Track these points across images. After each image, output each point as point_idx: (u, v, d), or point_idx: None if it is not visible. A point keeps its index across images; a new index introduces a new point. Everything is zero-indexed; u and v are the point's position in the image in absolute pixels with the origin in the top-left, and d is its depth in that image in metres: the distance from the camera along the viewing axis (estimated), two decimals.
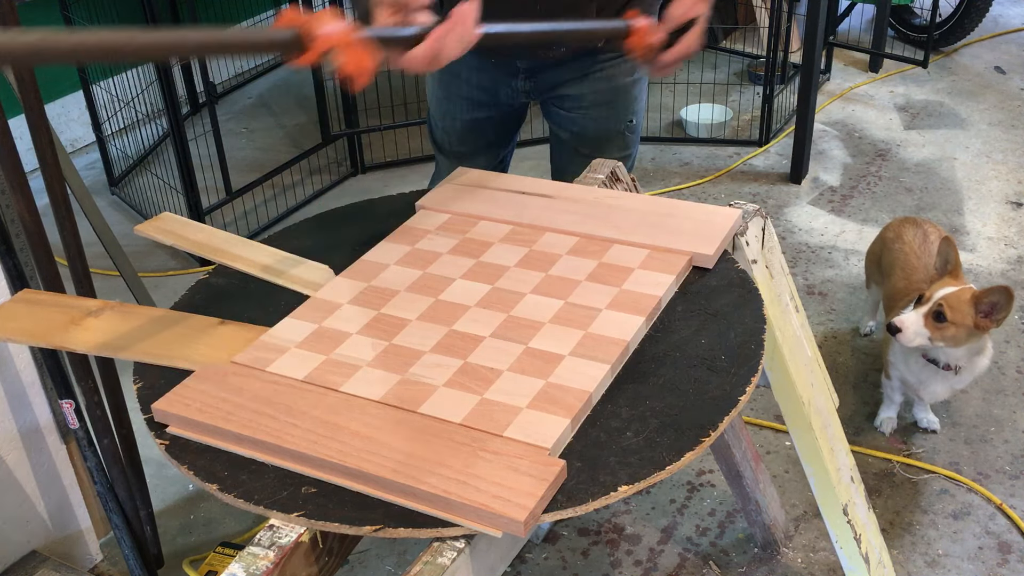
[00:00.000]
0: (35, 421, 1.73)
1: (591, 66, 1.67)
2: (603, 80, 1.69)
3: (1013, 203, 3.00)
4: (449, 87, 1.77)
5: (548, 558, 1.88)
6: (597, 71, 1.68)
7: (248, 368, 1.09)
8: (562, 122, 1.76)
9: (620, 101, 1.72)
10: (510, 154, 1.92)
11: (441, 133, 1.84)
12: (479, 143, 1.82)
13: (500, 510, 0.87)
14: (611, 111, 1.73)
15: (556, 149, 1.83)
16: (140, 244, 2.87)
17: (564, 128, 1.76)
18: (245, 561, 0.90)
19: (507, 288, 1.21)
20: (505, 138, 1.85)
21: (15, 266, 1.52)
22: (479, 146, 1.83)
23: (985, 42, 4.13)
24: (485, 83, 1.73)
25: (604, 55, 1.67)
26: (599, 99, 1.71)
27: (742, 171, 3.27)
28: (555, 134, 1.80)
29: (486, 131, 1.81)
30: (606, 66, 1.68)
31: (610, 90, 1.70)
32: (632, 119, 1.76)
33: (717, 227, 1.29)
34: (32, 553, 1.77)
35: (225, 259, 1.32)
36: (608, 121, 1.73)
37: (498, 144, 1.85)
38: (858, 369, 2.33)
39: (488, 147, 1.83)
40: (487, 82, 1.73)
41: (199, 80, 3.54)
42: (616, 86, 1.70)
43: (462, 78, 1.74)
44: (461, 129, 1.80)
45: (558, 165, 1.83)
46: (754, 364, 1.07)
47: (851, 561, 1.59)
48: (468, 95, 1.75)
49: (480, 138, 1.82)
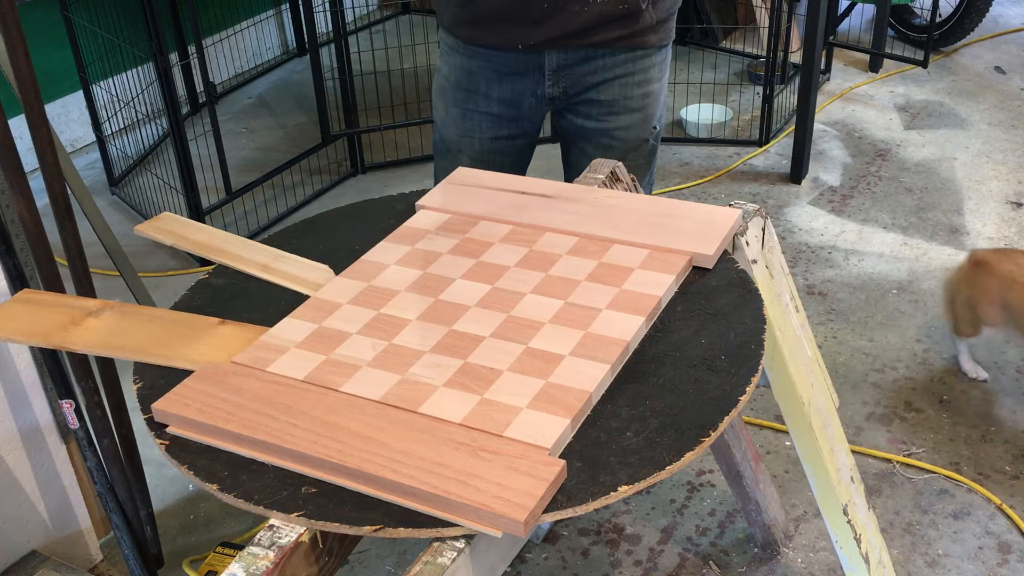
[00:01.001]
0: (35, 421, 1.73)
1: (623, 64, 1.60)
2: (635, 85, 1.62)
3: (1013, 203, 3.00)
4: (467, 104, 1.69)
5: (548, 558, 1.88)
6: (629, 74, 1.61)
7: (248, 368, 1.09)
8: (587, 133, 1.67)
9: (651, 106, 1.66)
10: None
11: (457, 155, 1.74)
12: (498, 168, 1.72)
13: (500, 510, 0.87)
14: (643, 117, 1.66)
15: (574, 166, 1.72)
16: (140, 244, 2.87)
17: (588, 140, 1.68)
18: (245, 561, 0.90)
19: (507, 288, 1.21)
20: (520, 168, 1.77)
21: (15, 266, 1.52)
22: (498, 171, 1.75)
23: (985, 42, 4.12)
24: (506, 95, 1.66)
25: (643, 49, 1.60)
26: (632, 104, 1.64)
27: (742, 171, 3.27)
28: (574, 148, 1.71)
29: (506, 154, 1.73)
30: (639, 66, 1.61)
31: (643, 95, 1.64)
32: (656, 125, 1.70)
33: (717, 227, 1.29)
34: (32, 553, 1.77)
35: (225, 259, 1.32)
36: (636, 129, 1.66)
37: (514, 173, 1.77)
38: (858, 369, 2.33)
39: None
40: (508, 94, 1.65)
41: (199, 80, 3.54)
42: (650, 91, 1.64)
43: (481, 93, 1.67)
44: (481, 150, 1.72)
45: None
46: (754, 364, 1.07)
47: (851, 561, 1.59)
48: (488, 109, 1.68)
49: (501, 161, 1.74)
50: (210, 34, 3.74)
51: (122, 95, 3.29)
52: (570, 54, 1.60)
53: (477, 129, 1.70)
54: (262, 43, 4.17)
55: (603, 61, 1.61)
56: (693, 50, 4.08)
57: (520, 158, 1.77)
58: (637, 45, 1.61)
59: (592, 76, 1.62)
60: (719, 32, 4.13)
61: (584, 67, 1.61)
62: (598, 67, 1.61)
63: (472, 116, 1.70)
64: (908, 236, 2.84)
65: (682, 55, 4.05)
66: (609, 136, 1.66)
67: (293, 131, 3.67)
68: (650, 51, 1.63)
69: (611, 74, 1.62)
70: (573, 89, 1.64)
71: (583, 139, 1.70)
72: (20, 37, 1.35)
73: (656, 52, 1.64)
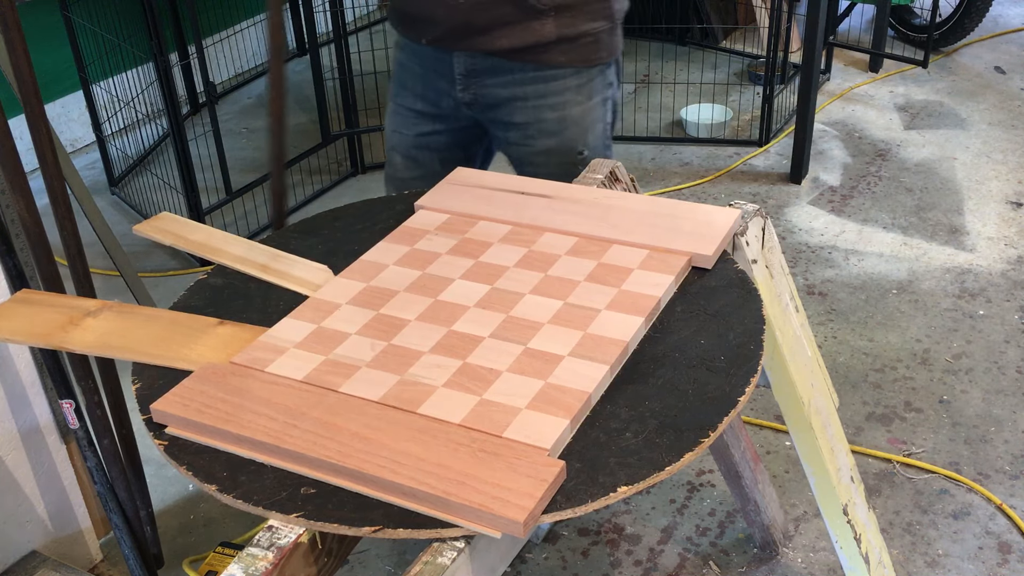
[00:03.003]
0: (35, 421, 1.73)
1: (533, 84, 1.55)
2: (548, 109, 1.56)
3: (1013, 203, 3.00)
4: (396, 99, 1.68)
5: (548, 558, 1.88)
6: (540, 96, 1.55)
7: (247, 368, 1.09)
8: (513, 154, 1.65)
9: (570, 131, 1.58)
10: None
11: (391, 153, 1.72)
12: (428, 167, 1.68)
13: (499, 511, 0.87)
14: (561, 142, 1.59)
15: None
16: (140, 244, 2.87)
17: (516, 161, 1.65)
18: (244, 562, 0.90)
19: (506, 288, 1.21)
20: (457, 163, 1.66)
21: (15, 266, 1.52)
22: (429, 171, 1.68)
23: (985, 42, 4.12)
24: (429, 93, 1.63)
25: (552, 68, 1.53)
26: (547, 128, 1.57)
27: (742, 171, 3.27)
28: (511, 167, 1.67)
29: (433, 150, 1.68)
30: (550, 88, 1.54)
31: (559, 120, 1.57)
32: (583, 151, 1.61)
33: (717, 227, 1.29)
34: (32, 553, 1.77)
35: (224, 259, 1.32)
36: (558, 154, 1.59)
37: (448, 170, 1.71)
38: (858, 369, 2.33)
39: (436, 176, 1.66)
40: (430, 92, 1.63)
41: (199, 80, 3.54)
42: (566, 116, 1.57)
43: (408, 87, 1.66)
44: (408, 146, 1.69)
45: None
46: (753, 364, 1.07)
47: (851, 561, 1.59)
48: (412, 105, 1.66)
49: (430, 158, 1.68)
50: (210, 34, 3.74)
51: (122, 95, 3.29)
52: (477, 60, 1.56)
53: (403, 124, 1.69)
54: (262, 43, 4.17)
55: (512, 76, 1.56)
56: (693, 50, 4.08)
57: (450, 154, 1.70)
58: (544, 63, 1.54)
59: (502, 90, 1.58)
60: (719, 32, 4.13)
61: (494, 78, 1.57)
62: (507, 81, 1.56)
63: (400, 112, 1.69)
64: (908, 236, 2.84)
65: (682, 55, 4.05)
66: (531, 160, 1.62)
67: (293, 131, 3.67)
68: (560, 72, 1.55)
69: (521, 93, 1.57)
70: (485, 100, 1.59)
71: (513, 160, 1.67)
72: (20, 37, 1.35)
73: (572, 75, 1.56)
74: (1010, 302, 2.53)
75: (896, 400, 2.23)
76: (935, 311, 2.51)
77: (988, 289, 2.59)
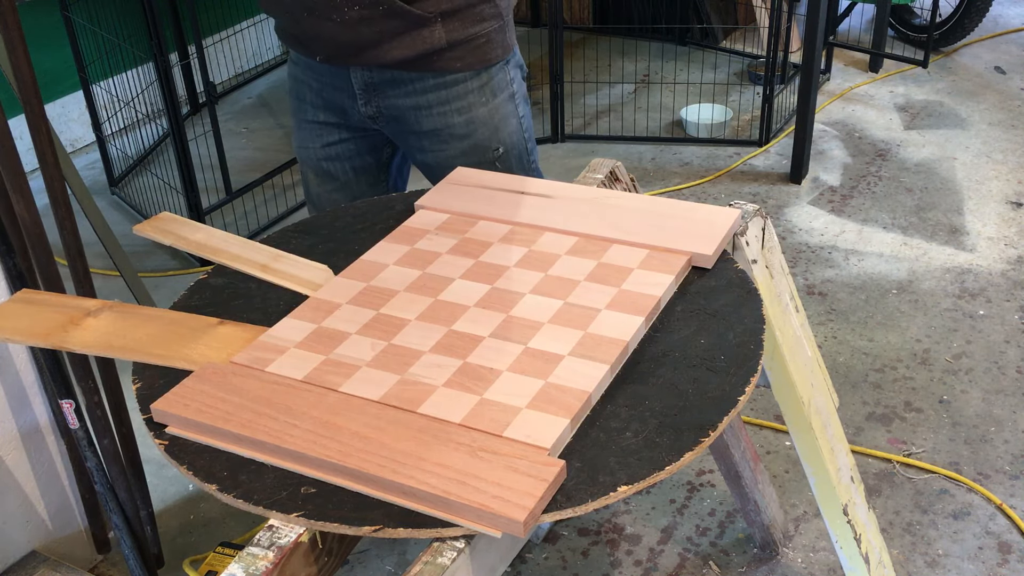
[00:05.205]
0: (35, 421, 1.73)
1: (435, 91, 1.54)
2: (455, 113, 1.54)
3: (1013, 203, 3.00)
4: (298, 113, 1.63)
5: (548, 558, 1.88)
6: (443, 102, 1.54)
7: (247, 368, 1.09)
8: (431, 168, 1.61)
9: (479, 132, 1.57)
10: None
11: (303, 170, 1.67)
12: (341, 177, 1.65)
13: (499, 510, 0.87)
14: (473, 144, 1.57)
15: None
16: (140, 244, 2.87)
17: (428, 167, 1.62)
18: (245, 561, 0.90)
19: (506, 288, 1.21)
20: (371, 173, 1.65)
21: (15, 266, 1.52)
22: (343, 182, 1.65)
23: (985, 42, 4.12)
24: (332, 104, 1.59)
25: (450, 74, 1.52)
26: (456, 132, 1.56)
27: (742, 171, 3.27)
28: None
29: (344, 159, 1.64)
30: (452, 93, 1.53)
31: (466, 123, 1.55)
32: (499, 148, 1.59)
33: (717, 227, 1.29)
34: (32, 553, 1.77)
35: (224, 259, 1.32)
36: (473, 155, 1.58)
37: (368, 181, 1.65)
38: (858, 369, 2.33)
39: (351, 186, 1.63)
40: (333, 103, 1.59)
41: (199, 80, 3.54)
42: (473, 118, 1.55)
43: (308, 101, 1.62)
44: (317, 159, 1.64)
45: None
46: (753, 364, 1.07)
47: (851, 561, 1.59)
48: (315, 118, 1.62)
49: (342, 168, 1.64)
50: (210, 34, 3.74)
51: (122, 95, 3.30)
52: (374, 73, 1.53)
53: (309, 138, 1.64)
54: (262, 43, 4.17)
55: (412, 87, 1.54)
56: (693, 50, 4.08)
57: (361, 161, 1.67)
58: (440, 70, 1.52)
59: (404, 99, 1.55)
60: (719, 32, 4.13)
61: (395, 89, 1.55)
62: (408, 92, 1.54)
63: (303, 126, 1.64)
64: (908, 236, 2.84)
65: (682, 55, 4.05)
66: (449, 164, 1.58)
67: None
68: (460, 76, 1.54)
69: (424, 101, 1.55)
70: (388, 112, 1.57)
71: (430, 168, 1.63)
72: (20, 37, 1.35)
73: (472, 77, 1.55)
74: (1010, 302, 2.53)
75: (896, 400, 2.23)
76: (935, 311, 2.51)
77: (988, 289, 2.59)
